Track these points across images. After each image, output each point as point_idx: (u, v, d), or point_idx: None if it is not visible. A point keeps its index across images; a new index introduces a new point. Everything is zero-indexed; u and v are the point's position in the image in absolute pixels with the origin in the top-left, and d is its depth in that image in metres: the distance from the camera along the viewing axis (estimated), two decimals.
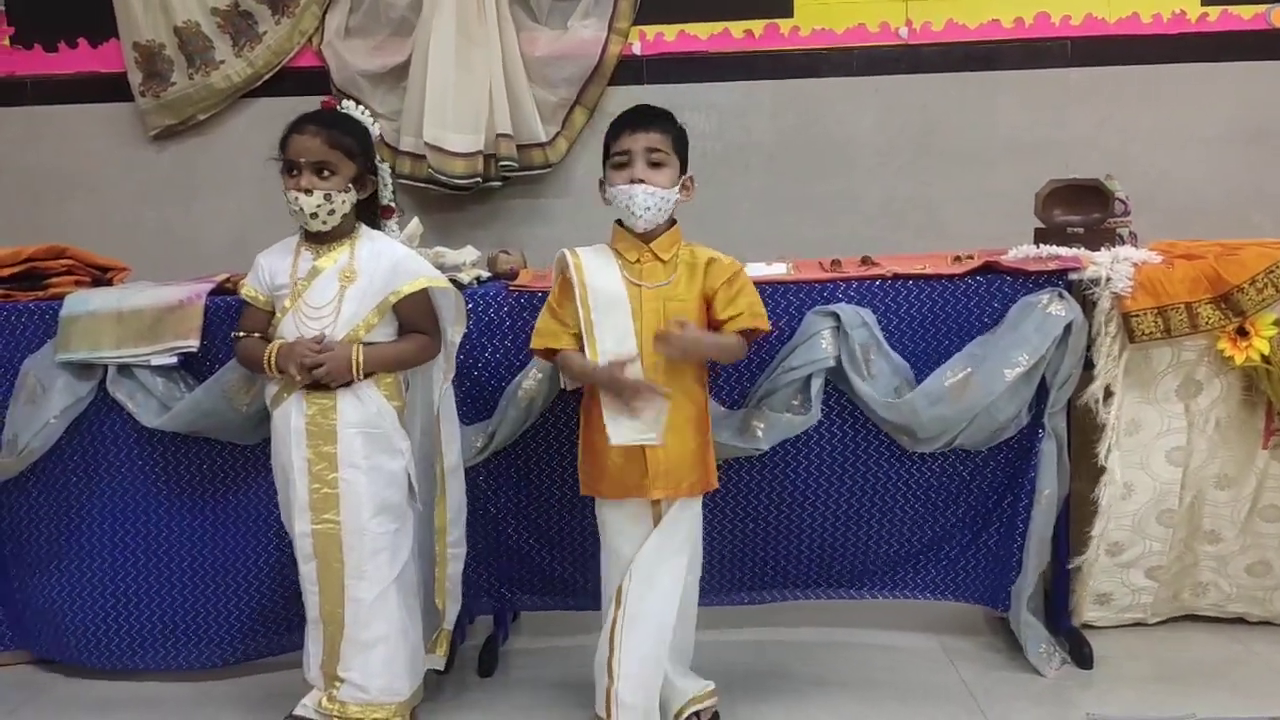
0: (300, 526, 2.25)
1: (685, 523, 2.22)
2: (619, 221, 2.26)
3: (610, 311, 2.18)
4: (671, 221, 2.25)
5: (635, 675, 2.18)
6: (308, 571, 2.26)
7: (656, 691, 2.21)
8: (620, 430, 2.14)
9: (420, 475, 2.34)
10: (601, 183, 2.27)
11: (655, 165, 2.18)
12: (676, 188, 2.21)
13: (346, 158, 2.24)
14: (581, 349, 2.19)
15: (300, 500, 2.24)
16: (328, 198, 2.21)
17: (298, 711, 2.33)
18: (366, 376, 2.22)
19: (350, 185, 2.25)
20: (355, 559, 2.24)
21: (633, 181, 2.17)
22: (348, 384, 2.21)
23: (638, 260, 2.22)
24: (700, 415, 2.23)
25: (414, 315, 2.27)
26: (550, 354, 2.27)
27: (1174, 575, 2.66)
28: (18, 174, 3.77)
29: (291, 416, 2.23)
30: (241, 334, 2.32)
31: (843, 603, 2.74)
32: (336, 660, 2.27)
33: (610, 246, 2.26)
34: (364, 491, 2.23)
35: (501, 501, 2.65)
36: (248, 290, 2.32)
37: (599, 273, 2.21)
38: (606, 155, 2.25)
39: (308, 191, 2.20)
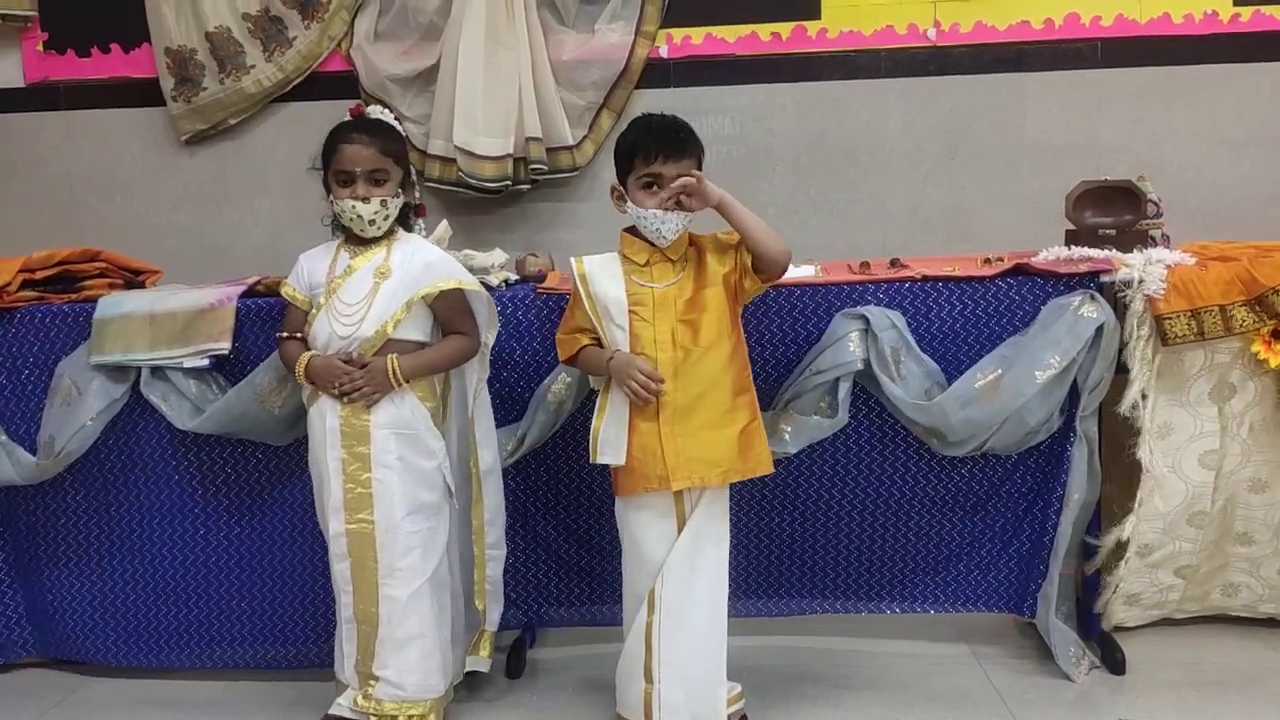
0: (335, 527, 2.28)
1: (716, 515, 2.23)
2: (628, 229, 2.28)
3: (611, 320, 2.23)
4: None
5: (681, 677, 2.18)
6: (341, 570, 2.29)
7: (714, 695, 2.20)
8: (602, 450, 2.22)
9: (457, 476, 2.37)
10: (615, 189, 2.27)
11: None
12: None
13: (395, 163, 2.30)
14: (599, 345, 2.26)
15: (334, 500, 2.27)
16: (383, 204, 2.27)
17: (333, 711, 2.35)
18: (406, 382, 2.25)
19: (399, 190, 2.31)
20: (389, 558, 2.26)
21: (667, 209, 2.18)
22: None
23: (647, 263, 2.24)
24: (732, 400, 2.21)
25: (451, 315, 2.32)
26: (574, 360, 2.31)
27: (1204, 575, 2.64)
28: (52, 178, 3.81)
29: (326, 417, 2.27)
30: (284, 334, 2.37)
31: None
32: (371, 659, 2.29)
33: (619, 253, 2.28)
34: (397, 491, 2.26)
35: (532, 506, 2.65)
36: (287, 289, 2.38)
37: (604, 282, 2.24)
38: (629, 168, 2.22)
39: (365, 200, 2.25)
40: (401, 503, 2.26)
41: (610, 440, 2.22)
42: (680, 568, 2.18)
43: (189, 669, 2.68)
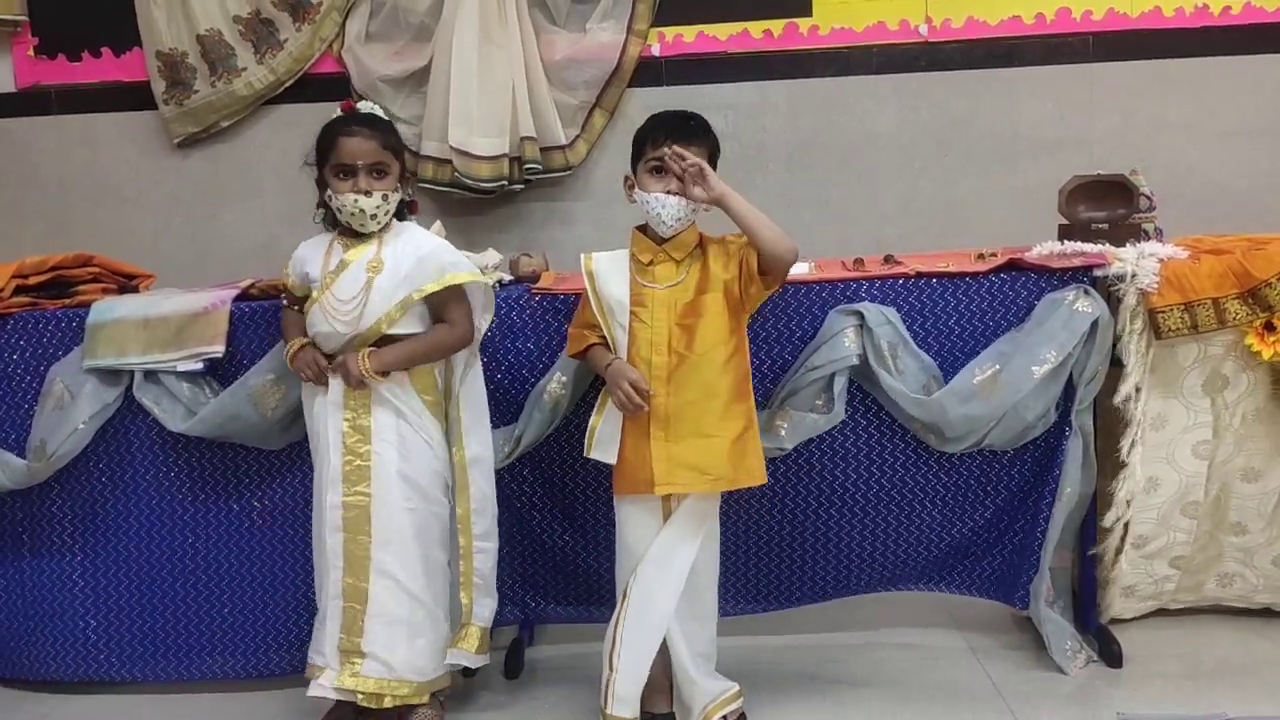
0: (331, 498, 2.28)
1: (696, 518, 2.23)
2: (639, 227, 2.29)
3: (615, 320, 2.24)
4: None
5: (631, 670, 2.21)
6: (334, 544, 2.28)
7: (642, 683, 2.23)
8: (597, 445, 2.26)
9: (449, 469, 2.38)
10: (628, 179, 2.28)
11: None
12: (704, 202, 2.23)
13: (395, 157, 2.30)
14: (607, 346, 2.27)
15: (333, 471, 2.27)
16: (385, 198, 2.27)
17: (312, 692, 2.30)
18: (385, 375, 2.25)
19: (399, 184, 2.31)
20: (383, 532, 2.27)
21: (669, 193, 2.18)
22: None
23: (650, 262, 2.24)
24: (727, 408, 2.21)
25: (439, 301, 2.30)
26: (583, 355, 2.34)
27: (1198, 565, 2.66)
28: (44, 183, 3.81)
29: (331, 390, 2.27)
30: (286, 302, 2.42)
31: (868, 603, 2.74)
32: (359, 634, 2.27)
33: (629, 251, 2.29)
34: (394, 466, 2.27)
35: (527, 507, 2.65)
36: (286, 271, 2.41)
37: (610, 280, 2.26)
38: (639, 154, 2.25)
39: (367, 193, 2.24)
40: (399, 479, 2.27)
41: (605, 438, 2.25)
42: (654, 562, 2.21)
43: (179, 680, 2.65)
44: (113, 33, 3.73)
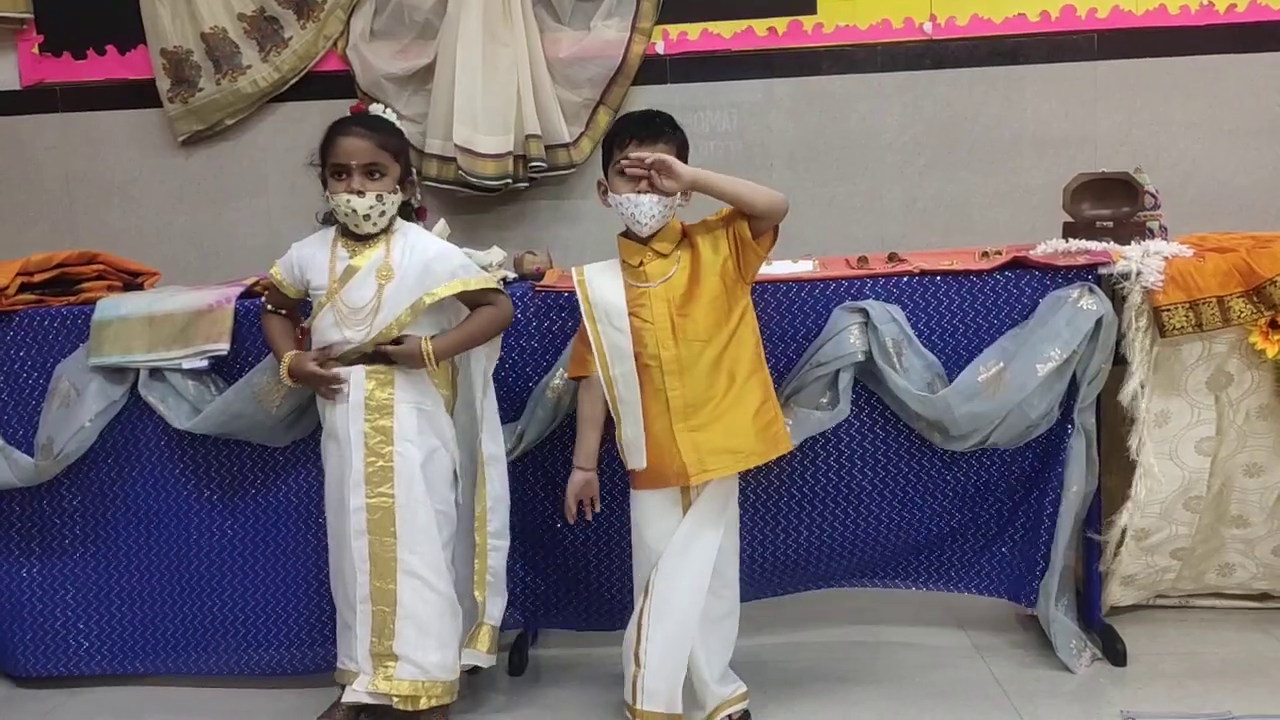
0: (355, 501, 2.27)
1: (718, 504, 2.23)
2: (622, 233, 2.29)
3: (610, 324, 2.23)
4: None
5: (659, 663, 2.20)
6: (359, 548, 2.27)
7: (680, 678, 2.21)
8: (627, 454, 2.26)
9: (463, 466, 2.37)
10: (600, 184, 2.29)
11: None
12: (679, 193, 2.22)
13: (394, 159, 2.29)
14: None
15: (356, 474, 2.27)
16: (379, 199, 2.26)
17: (347, 698, 2.31)
18: (437, 364, 2.27)
19: (398, 186, 2.30)
20: (409, 533, 2.27)
21: (640, 192, 2.19)
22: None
23: (640, 263, 2.24)
24: (742, 385, 2.21)
25: (472, 295, 2.32)
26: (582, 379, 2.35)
27: (1199, 556, 2.67)
28: (49, 180, 3.81)
29: (350, 391, 2.27)
30: (270, 307, 2.41)
31: (873, 602, 2.74)
32: (390, 637, 2.27)
33: (620, 259, 2.29)
34: (416, 464, 2.27)
35: (531, 504, 2.64)
36: (276, 273, 2.39)
37: (603, 287, 2.26)
38: (608, 158, 2.26)
39: (360, 193, 2.24)
40: (421, 478, 2.28)
41: (631, 442, 2.24)
42: (675, 552, 2.20)
43: (186, 675, 2.66)
44: (117, 30, 3.73)
